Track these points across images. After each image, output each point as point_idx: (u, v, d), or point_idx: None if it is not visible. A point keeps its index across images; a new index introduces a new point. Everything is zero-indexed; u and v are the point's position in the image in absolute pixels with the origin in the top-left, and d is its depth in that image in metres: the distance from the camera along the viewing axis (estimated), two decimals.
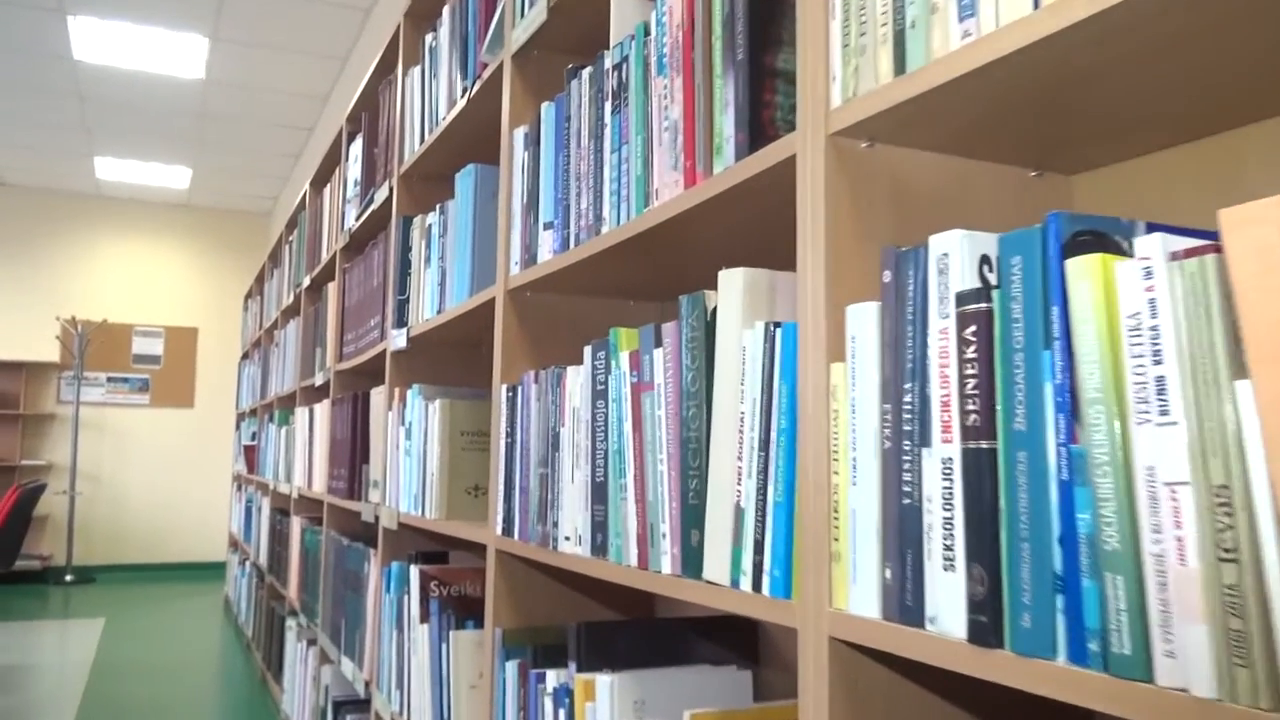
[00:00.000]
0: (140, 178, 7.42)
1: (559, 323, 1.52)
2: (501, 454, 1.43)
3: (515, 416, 1.39)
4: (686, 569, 0.92)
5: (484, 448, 1.82)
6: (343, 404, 2.68)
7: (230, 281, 8.40)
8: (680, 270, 1.30)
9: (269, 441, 4.55)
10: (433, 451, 1.81)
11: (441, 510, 1.77)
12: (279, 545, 3.98)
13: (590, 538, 1.12)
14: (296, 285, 3.90)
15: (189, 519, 8.05)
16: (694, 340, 0.93)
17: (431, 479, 1.80)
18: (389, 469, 2.12)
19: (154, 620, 5.74)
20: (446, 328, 1.85)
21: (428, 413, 1.86)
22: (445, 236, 1.86)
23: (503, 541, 1.40)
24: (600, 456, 1.11)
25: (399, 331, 2.10)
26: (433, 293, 1.91)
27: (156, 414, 8.04)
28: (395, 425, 2.08)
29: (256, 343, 5.62)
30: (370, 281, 2.51)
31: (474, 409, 1.82)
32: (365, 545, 2.41)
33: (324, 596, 2.83)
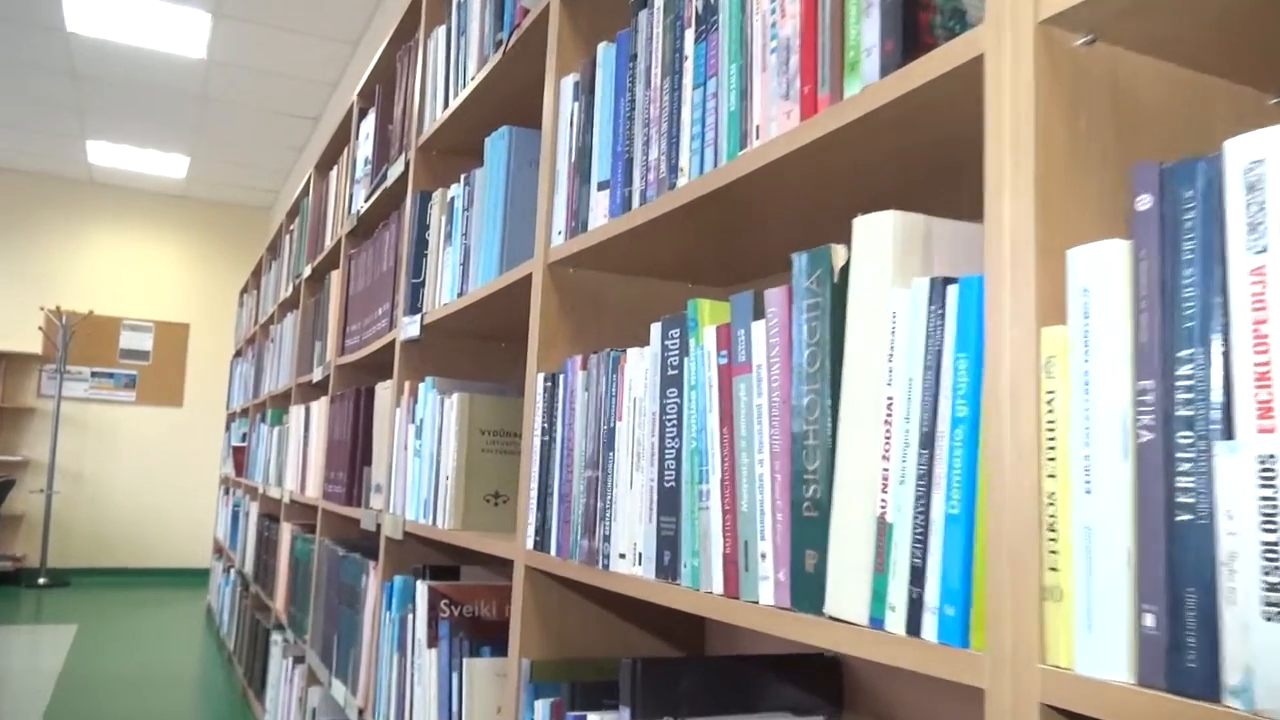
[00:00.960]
0: (136, 165, 7.21)
1: (604, 306, 1.31)
2: (535, 454, 1.22)
3: (554, 410, 1.18)
4: (799, 600, 0.71)
5: (507, 449, 1.61)
6: (343, 401, 2.47)
7: (225, 277, 8.18)
8: (761, 241, 1.10)
9: (259, 443, 4.33)
10: (448, 453, 1.60)
11: (457, 519, 1.56)
12: (266, 553, 3.76)
13: (655, 556, 0.91)
14: (296, 276, 3.70)
15: (172, 523, 7.80)
16: (815, 307, 0.73)
17: (446, 484, 1.59)
18: (395, 472, 1.91)
19: (130, 628, 5.49)
20: (469, 313, 1.65)
21: (443, 409, 1.65)
22: (470, 209, 1.66)
23: (535, 558, 1.19)
24: (671, 456, 0.90)
25: (411, 319, 1.89)
26: (454, 274, 1.71)
27: (142, 412, 7.80)
28: (404, 423, 1.87)
29: (251, 339, 5.40)
30: (379, 266, 2.31)
31: (496, 405, 1.61)
32: (364, 556, 2.19)
33: (315, 611, 2.61)
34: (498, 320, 1.72)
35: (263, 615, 3.81)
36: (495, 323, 1.75)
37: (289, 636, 3.01)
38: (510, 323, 1.75)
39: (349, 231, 2.72)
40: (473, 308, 1.60)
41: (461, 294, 1.65)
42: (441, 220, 1.83)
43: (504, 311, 1.62)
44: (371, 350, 2.26)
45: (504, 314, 1.64)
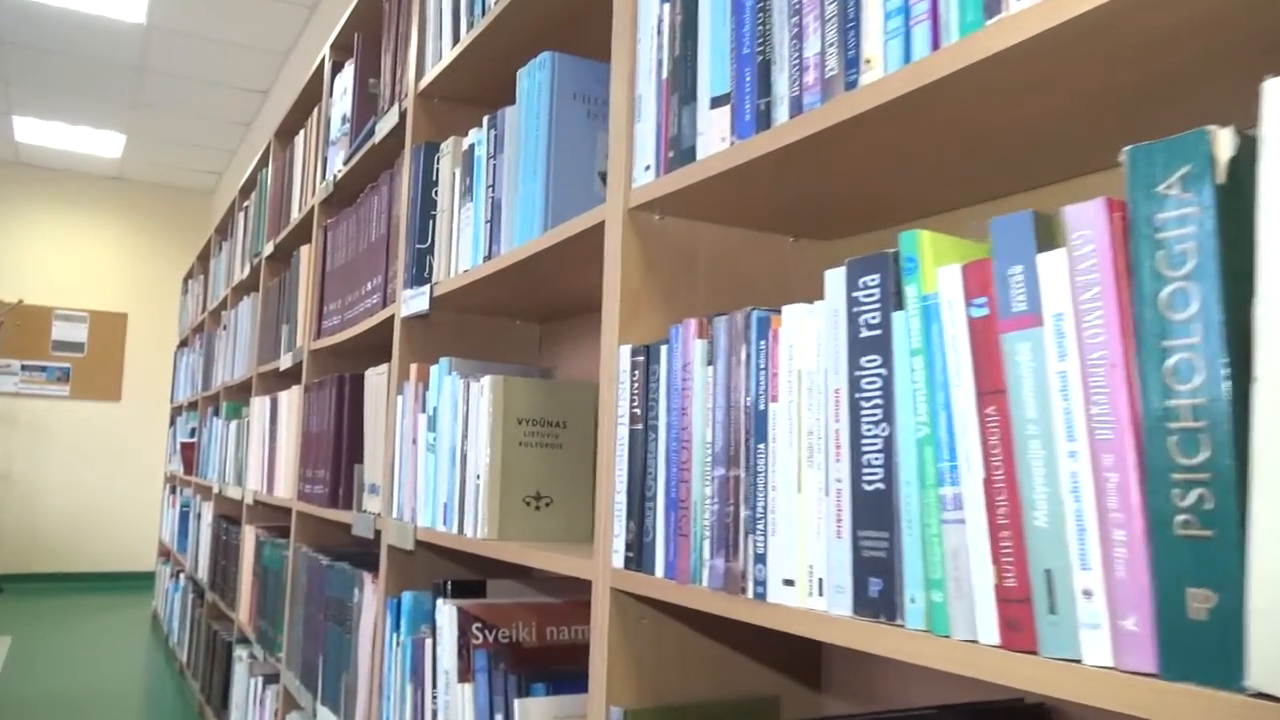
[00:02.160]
0: (67, 143, 6.73)
1: (696, 264, 1.06)
2: (622, 448, 0.97)
3: (652, 391, 0.93)
4: (1175, 662, 0.47)
5: (549, 442, 1.35)
6: (322, 390, 2.18)
7: (165, 264, 7.72)
8: (922, 174, 0.85)
9: (212, 438, 3.99)
10: (478, 447, 1.34)
11: (491, 527, 1.30)
12: (224, 559, 3.43)
13: (853, 585, 0.66)
14: (255, 255, 3.37)
15: (112, 524, 7.35)
16: (1181, 222, 0.49)
17: (477, 484, 1.33)
18: (398, 470, 1.63)
19: (69, 638, 5.09)
20: (500, 280, 1.39)
21: (469, 395, 1.38)
22: (499, 157, 1.39)
23: (626, 579, 0.94)
24: (875, 448, 0.66)
25: (417, 291, 1.62)
26: (475, 235, 1.44)
27: (78, 407, 7.32)
28: (410, 413, 1.59)
29: (198, 328, 5.03)
30: (365, 235, 2.02)
31: (535, 390, 1.35)
32: (354, 566, 1.91)
33: (291, 626, 2.32)
34: (538, 289, 1.45)
35: (222, 626, 3.49)
36: (533, 292, 1.49)
37: (256, 652, 2.71)
38: (552, 294, 1.48)
39: (324, 200, 2.42)
40: (507, 273, 1.34)
41: (490, 257, 1.38)
42: (455, 174, 1.55)
43: (549, 277, 1.35)
44: (358, 331, 1.97)
45: (548, 281, 1.38)
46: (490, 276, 1.38)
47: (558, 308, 1.66)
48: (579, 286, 1.42)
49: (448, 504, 1.42)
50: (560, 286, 1.43)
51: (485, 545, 1.27)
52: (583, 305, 1.62)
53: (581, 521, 1.36)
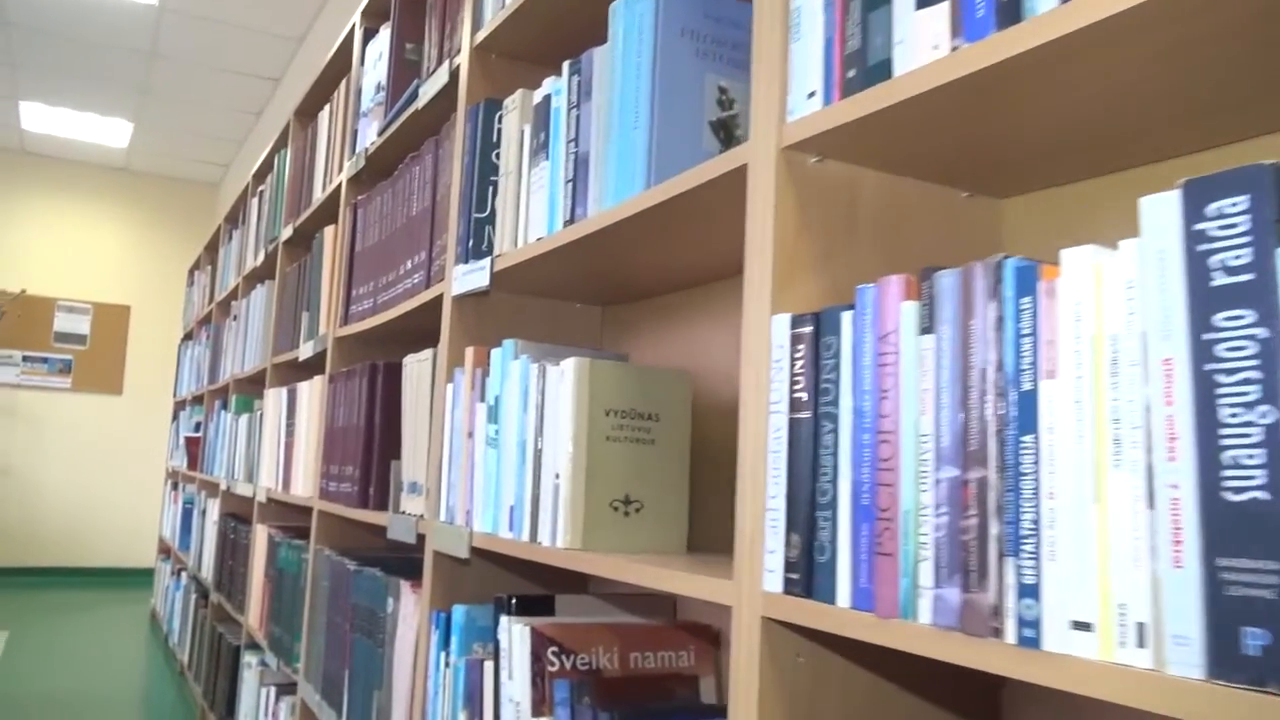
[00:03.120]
0: (73, 132, 6.53)
1: (857, 219, 0.87)
2: (778, 442, 0.77)
3: (823, 370, 0.74)
4: None
5: (640, 437, 1.16)
6: (350, 380, 1.98)
7: (169, 257, 7.52)
8: None
9: (220, 433, 3.79)
10: (557, 442, 1.14)
11: (574, 534, 1.10)
12: (232, 559, 3.23)
13: (1207, 636, 0.47)
14: (270, 240, 3.17)
15: (111, 519, 7.14)
16: None
17: (556, 485, 1.13)
18: (449, 467, 1.44)
19: (66, 636, 4.88)
20: (581, 249, 1.19)
21: (544, 382, 1.19)
22: (584, 106, 1.20)
23: (787, 606, 0.74)
24: (1250, 440, 0.46)
25: (473, 266, 1.42)
26: (551, 198, 1.25)
27: (79, 400, 7.12)
28: (465, 402, 1.40)
29: (205, 319, 4.83)
30: (404, 210, 1.83)
31: (625, 376, 1.16)
32: (386, 574, 1.72)
33: (311, 635, 2.12)
34: (625, 260, 1.26)
35: (228, 630, 3.29)
36: (618, 264, 1.29)
37: (269, 660, 2.50)
38: (639, 265, 1.28)
39: (353, 176, 2.23)
40: (595, 240, 1.14)
41: (572, 221, 1.19)
42: (523, 132, 1.36)
43: (645, 244, 1.16)
44: (396, 314, 1.78)
45: (641, 248, 1.18)
46: (571, 245, 1.18)
47: (631, 286, 1.47)
48: (677, 255, 1.23)
49: (515, 507, 1.22)
50: (650, 256, 1.23)
51: (569, 557, 1.07)
52: (664, 281, 1.43)
53: (675, 529, 1.17)
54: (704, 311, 1.39)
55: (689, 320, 1.43)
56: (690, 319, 1.42)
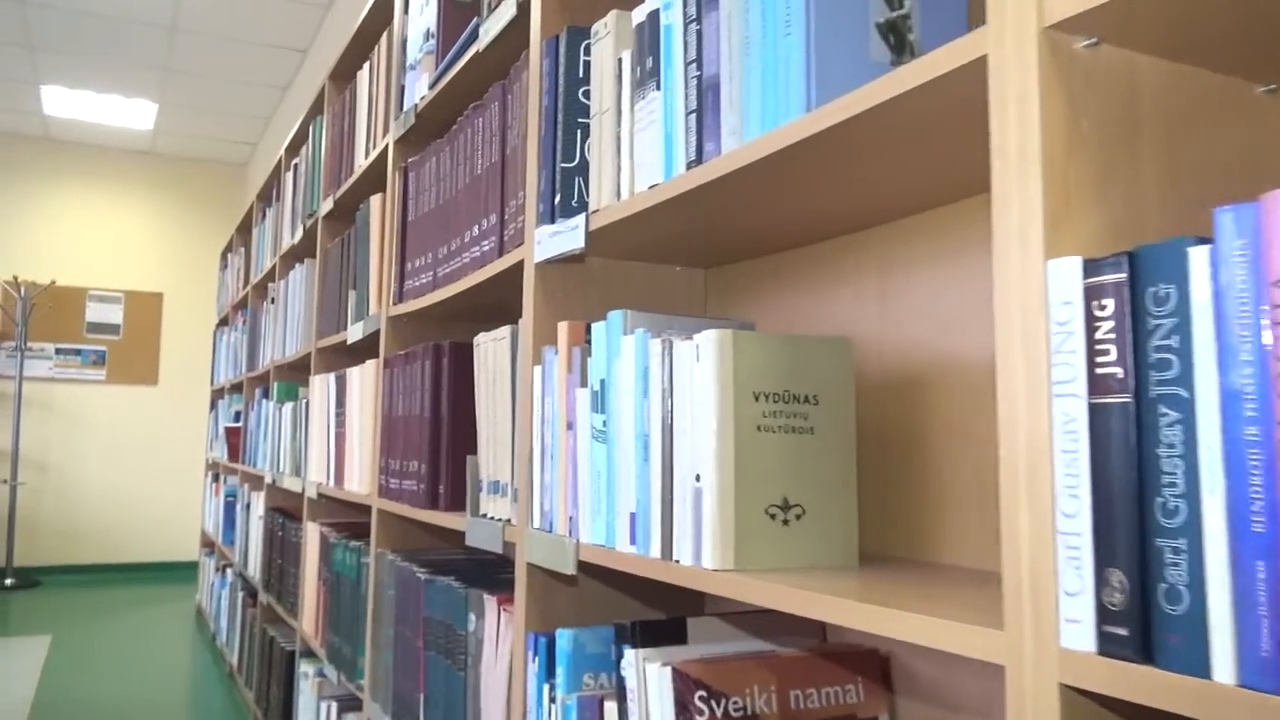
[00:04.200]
0: (96, 115, 6.37)
1: (1139, 121, 0.63)
2: (1074, 437, 0.55)
3: (1155, 334, 0.51)
4: None
5: (796, 425, 0.93)
6: (410, 363, 1.77)
7: (200, 240, 7.37)
8: None
9: (262, 423, 3.62)
10: (695, 433, 0.92)
11: (725, 551, 0.88)
12: (280, 558, 3.06)
13: None
14: (309, 216, 2.97)
15: (151, 513, 7.04)
16: None
17: (696, 488, 0.91)
18: (543, 465, 1.22)
19: (111, 636, 4.77)
20: (712, 193, 0.96)
21: (670, 361, 0.96)
22: (708, 18, 0.96)
23: (1105, 672, 0.52)
24: None
25: (563, 226, 1.20)
26: (668, 135, 1.02)
27: (114, 391, 7.01)
28: (559, 388, 1.18)
29: (241, 304, 4.66)
30: (468, 168, 1.61)
31: (778, 351, 0.93)
32: (463, 584, 1.52)
33: (376, 650, 1.93)
34: (769, 203, 1.02)
35: (279, 632, 3.12)
36: (757, 209, 1.05)
37: (327, 672, 2.32)
38: (784, 210, 1.05)
39: (401, 136, 2.01)
40: (734, 180, 0.91)
41: (699, 161, 0.96)
42: (621, 60, 1.13)
43: (809, 177, 0.92)
44: (464, 287, 1.56)
45: (801, 186, 0.95)
46: (699, 191, 0.96)
47: (747, 242, 1.24)
48: (831, 196, 1.00)
49: (639, 515, 1.00)
50: (798, 199, 1.00)
51: (725, 581, 0.85)
52: (790, 235, 1.20)
53: (843, 539, 0.94)
54: (834, 269, 1.16)
55: (817, 280, 1.20)
56: (819, 278, 1.19)
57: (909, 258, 1.05)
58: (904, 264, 1.06)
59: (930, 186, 0.93)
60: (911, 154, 0.83)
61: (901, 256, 1.07)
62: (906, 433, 1.05)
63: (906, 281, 1.06)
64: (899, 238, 1.07)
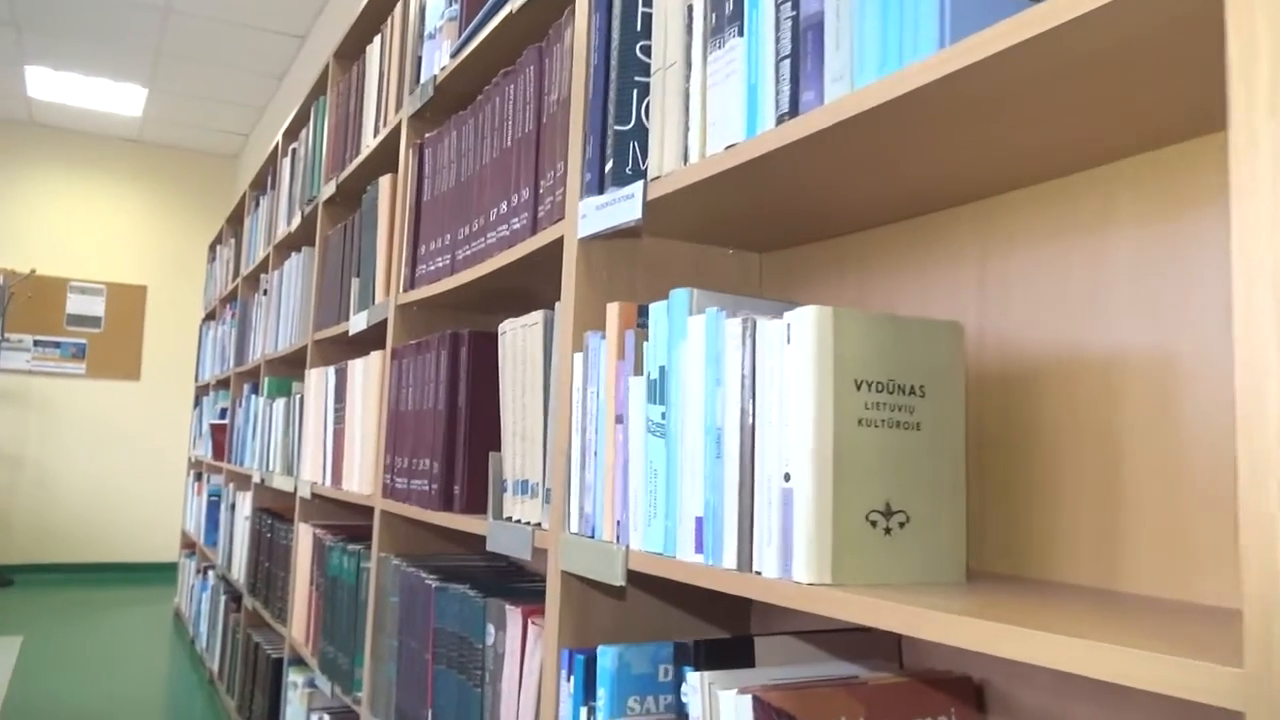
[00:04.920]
0: (83, 100, 6.20)
1: None
2: None
3: None
4: None
5: (901, 420, 0.81)
6: (423, 354, 1.64)
7: (187, 233, 7.19)
8: None
9: (252, 419, 3.47)
10: (786, 427, 0.79)
11: (821, 561, 0.76)
12: (269, 560, 2.91)
13: None
14: (308, 201, 2.83)
15: (130, 512, 6.85)
16: None
17: (787, 491, 0.78)
18: (583, 463, 1.09)
19: (85, 638, 4.58)
20: (807, 151, 0.84)
21: (753, 344, 0.84)
22: None
23: None
24: None
25: (614, 196, 1.07)
26: (752, 88, 0.89)
27: (94, 386, 6.82)
28: (608, 376, 1.05)
29: (230, 296, 4.50)
30: (495, 140, 1.48)
31: (882, 333, 0.81)
32: (480, 593, 1.38)
33: (377, 661, 1.78)
34: (870, 167, 0.89)
35: (264, 638, 2.97)
36: (853, 174, 0.92)
37: (319, 682, 2.18)
38: (888, 176, 0.92)
39: (416, 112, 1.88)
40: (842, 132, 0.79)
41: (792, 113, 0.83)
42: (693, 9, 1.00)
43: (935, 129, 0.80)
44: (487, 270, 1.43)
45: (921, 141, 0.82)
46: (790, 148, 0.83)
47: (817, 220, 1.12)
48: (953, 158, 0.87)
49: (707, 520, 0.88)
50: (894, 168, 0.88)
51: (824, 598, 0.72)
52: (866, 213, 1.07)
53: (950, 550, 0.82)
54: (918, 250, 1.04)
55: (896, 263, 1.07)
56: (897, 261, 1.07)
57: (1019, 234, 0.93)
58: (1012, 242, 0.94)
59: (1081, 140, 0.80)
60: (1072, 97, 0.71)
61: (1009, 233, 0.94)
62: (1008, 432, 0.92)
63: (1013, 262, 0.94)
64: (1004, 212, 0.95)
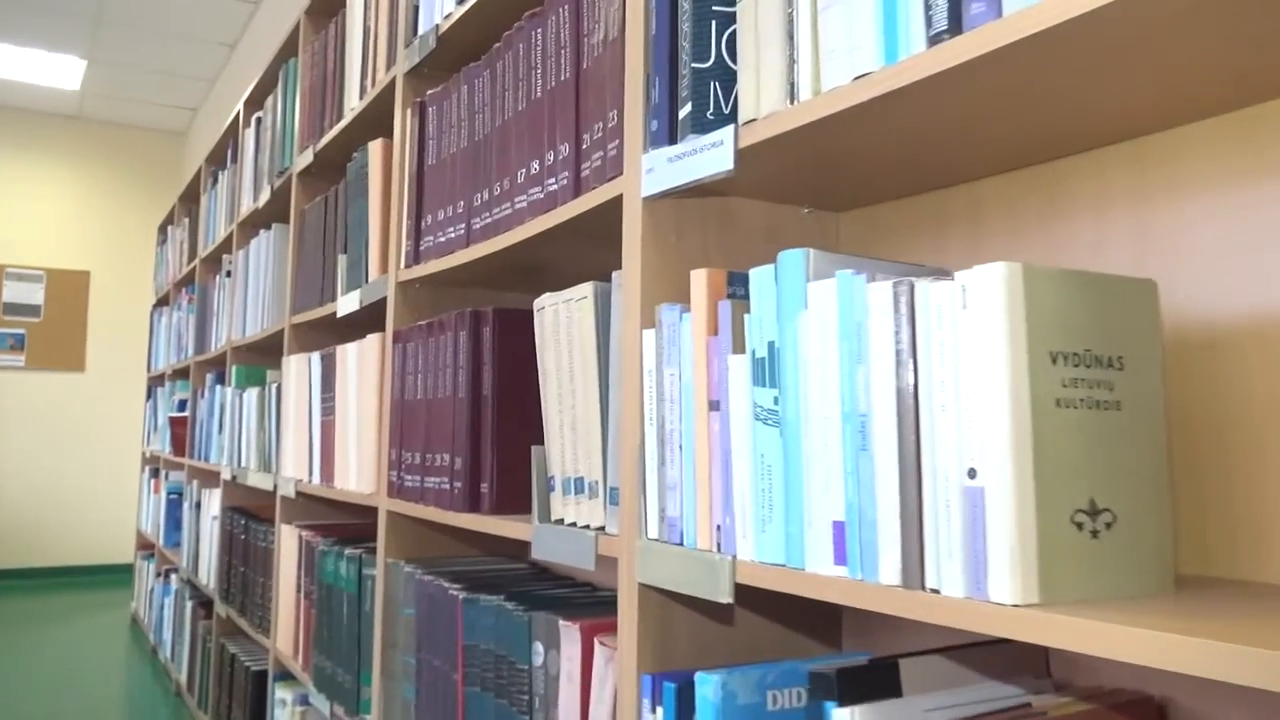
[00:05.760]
0: (16, 72, 5.83)
1: None
2: None
3: None
4: None
5: (1101, 398, 0.67)
6: (436, 336, 1.47)
7: (131, 215, 6.85)
8: None
9: (214, 412, 3.25)
10: (977, 409, 0.65)
11: (1028, 575, 0.61)
12: (244, 565, 2.71)
13: None
14: (280, 173, 2.62)
15: (79, 512, 6.52)
16: None
17: (973, 491, 0.64)
18: (661, 457, 0.94)
19: (36, 651, 4.32)
20: (962, 81, 0.69)
21: (910, 311, 0.69)
22: None
23: None
24: None
25: (693, 145, 0.92)
26: (886, 8, 0.74)
27: (34, 379, 6.47)
28: (697, 356, 0.90)
29: (185, 280, 4.25)
30: (519, 94, 1.31)
31: (1081, 293, 0.67)
32: (524, 607, 1.23)
33: (390, 679, 1.62)
34: (1033, 103, 0.75)
35: (241, 648, 2.77)
36: (1012, 108, 0.77)
37: (316, 701, 2.00)
38: (1051, 110, 0.77)
39: (414, 68, 1.69)
40: (1011, 55, 0.64)
41: (954, 29, 0.69)
42: None
43: (1142, 49, 0.65)
44: (512, 240, 1.27)
45: (1112, 70, 0.68)
46: (949, 74, 0.69)
47: (905, 174, 0.98)
48: (1139, 83, 0.73)
49: (850, 525, 0.73)
50: (1065, 97, 0.73)
51: (1042, 624, 0.58)
52: (1021, 150, 0.93)
53: (1156, 556, 0.68)
54: (1052, 199, 0.90)
55: (1016, 217, 0.93)
56: (1016, 215, 0.93)
57: (1190, 176, 0.80)
58: (1180, 185, 0.80)
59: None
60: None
61: (1174, 176, 0.81)
62: (1189, 412, 0.79)
63: (1181, 209, 0.80)
64: (1169, 151, 0.81)
